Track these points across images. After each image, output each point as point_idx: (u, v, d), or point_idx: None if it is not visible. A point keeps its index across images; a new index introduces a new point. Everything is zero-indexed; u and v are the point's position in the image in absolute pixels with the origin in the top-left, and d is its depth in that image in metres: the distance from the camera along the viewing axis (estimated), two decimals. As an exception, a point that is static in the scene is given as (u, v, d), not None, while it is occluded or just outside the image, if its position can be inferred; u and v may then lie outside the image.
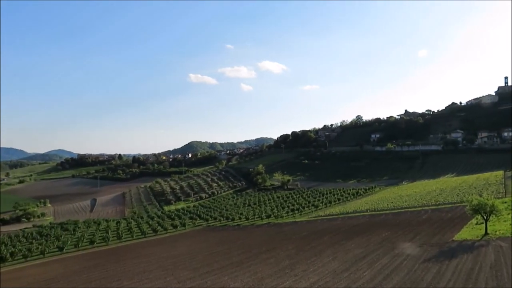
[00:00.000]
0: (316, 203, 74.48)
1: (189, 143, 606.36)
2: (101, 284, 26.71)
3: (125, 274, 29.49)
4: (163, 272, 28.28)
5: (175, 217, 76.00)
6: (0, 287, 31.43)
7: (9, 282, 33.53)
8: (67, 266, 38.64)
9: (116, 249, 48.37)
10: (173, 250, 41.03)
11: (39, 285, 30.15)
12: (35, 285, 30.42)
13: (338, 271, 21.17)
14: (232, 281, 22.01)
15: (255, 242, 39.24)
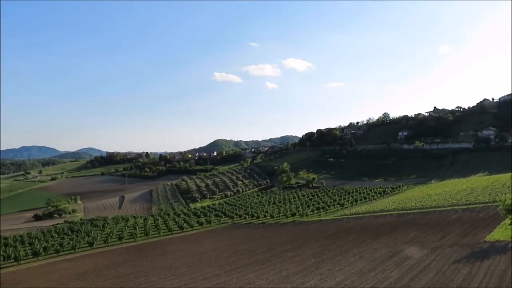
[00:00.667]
0: (341, 202, 73.70)
1: (214, 141, 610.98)
2: (129, 279, 27.29)
3: (152, 270, 30.03)
4: (189, 268, 28.63)
5: (200, 215, 76.79)
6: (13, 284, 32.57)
7: (42, 275, 34.72)
8: (97, 261, 39.65)
9: (143, 245, 49.30)
10: (199, 247, 41.47)
11: (70, 279, 31.09)
12: (66, 279, 31.39)
13: (365, 270, 20.89)
14: (257, 279, 22.06)
15: (280, 240, 39.19)
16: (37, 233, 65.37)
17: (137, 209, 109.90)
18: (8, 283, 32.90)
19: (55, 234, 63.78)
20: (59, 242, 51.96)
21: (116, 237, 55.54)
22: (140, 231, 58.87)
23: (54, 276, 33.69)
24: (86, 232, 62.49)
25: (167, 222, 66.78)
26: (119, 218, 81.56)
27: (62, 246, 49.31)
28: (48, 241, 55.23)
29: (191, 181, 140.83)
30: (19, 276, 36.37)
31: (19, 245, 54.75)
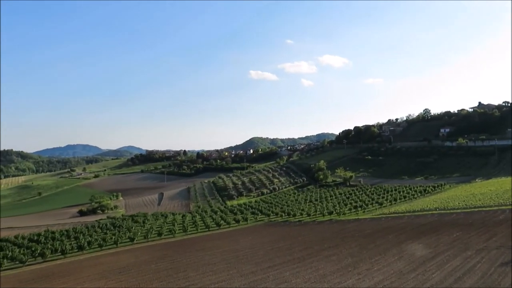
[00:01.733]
0: (380, 201, 72.07)
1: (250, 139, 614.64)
2: (168, 274, 27.96)
3: (190, 266, 30.61)
4: (226, 265, 28.96)
5: (237, 212, 77.42)
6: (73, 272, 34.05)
7: (87, 268, 36.22)
8: (137, 256, 40.86)
9: (182, 241, 50.32)
10: (236, 244, 41.84)
11: (113, 272, 32.26)
12: (109, 272, 32.59)
13: (405, 271, 20.34)
14: (293, 277, 22.00)
15: (317, 239, 38.86)
16: (81, 228, 68.12)
17: (175, 206, 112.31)
18: (55, 275, 34.60)
19: (98, 229, 66.22)
20: (102, 237, 53.97)
21: (156, 233, 57.00)
22: (178, 228, 60.11)
23: (98, 269, 35.06)
24: (127, 228, 64.49)
25: (204, 219, 67.83)
26: (159, 215, 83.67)
27: (105, 241, 51.18)
28: (92, 236, 57.48)
29: (228, 179, 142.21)
30: (65, 268, 38.13)
31: (66, 239, 57.38)
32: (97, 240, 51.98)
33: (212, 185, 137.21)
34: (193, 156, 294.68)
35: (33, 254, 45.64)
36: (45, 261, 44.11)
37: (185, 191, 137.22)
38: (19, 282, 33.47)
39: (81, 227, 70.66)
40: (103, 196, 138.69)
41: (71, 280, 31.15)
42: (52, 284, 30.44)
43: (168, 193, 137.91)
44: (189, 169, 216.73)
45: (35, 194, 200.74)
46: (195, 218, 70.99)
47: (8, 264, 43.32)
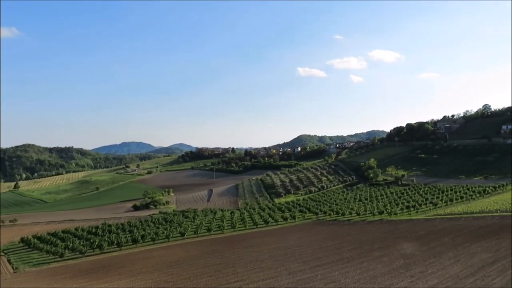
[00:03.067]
0: (434, 201, 68.93)
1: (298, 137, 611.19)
2: (217, 269, 28.52)
3: (239, 262, 31.02)
4: (274, 262, 29.05)
5: (285, 210, 77.34)
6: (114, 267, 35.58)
7: (140, 261, 37.78)
8: (188, 250, 42.00)
9: (230, 237, 51.09)
10: (284, 241, 41.82)
11: (165, 265, 33.42)
12: (161, 265, 33.79)
13: (462, 275, 19.34)
14: (342, 277, 21.64)
15: (367, 239, 37.93)
16: (135, 222, 71.03)
17: (224, 202, 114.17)
18: (112, 266, 36.42)
19: (151, 224, 68.71)
20: (155, 231, 56.01)
21: (205, 229, 58.25)
22: (227, 224, 61.04)
23: (151, 262, 36.47)
24: (178, 223, 66.39)
25: (252, 216, 68.39)
26: (208, 211, 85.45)
27: (157, 235, 53.09)
28: (145, 230, 59.77)
29: (276, 176, 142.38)
30: (121, 260, 40.01)
31: (121, 232, 60.11)
32: (150, 234, 53.99)
33: (260, 182, 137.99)
34: (241, 153, 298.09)
35: (91, 246, 48.34)
36: (102, 252, 46.54)
37: (234, 188, 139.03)
38: (79, 272, 35.58)
39: (135, 221, 73.65)
40: (155, 191, 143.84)
41: (126, 271, 32.65)
42: (109, 275, 32.06)
43: (217, 189, 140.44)
44: (237, 167, 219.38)
45: (93, 189, 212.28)
46: (243, 215, 71.74)
47: (69, 254, 46.16)
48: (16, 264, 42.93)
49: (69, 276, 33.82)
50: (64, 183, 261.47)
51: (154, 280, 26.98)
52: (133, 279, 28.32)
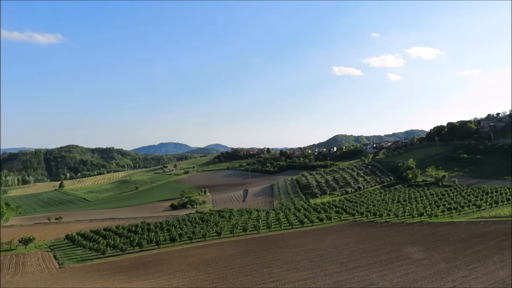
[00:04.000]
0: (478, 203, 66.04)
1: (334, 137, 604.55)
2: (253, 269, 28.66)
3: (274, 262, 31.03)
4: (310, 263, 28.86)
5: (321, 210, 76.61)
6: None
7: (178, 259, 38.57)
8: (224, 250, 42.46)
9: (266, 237, 51.18)
10: (320, 242, 41.44)
11: (202, 264, 33.95)
12: (198, 264, 34.35)
13: (509, 281, 18.46)
14: (380, 280, 21.20)
15: (406, 241, 36.91)
16: (173, 221, 72.55)
17: (259, 202, 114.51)
18: (151, 264, 37.41)
19: (188, 223, 69.97)
20: (192, 230, 57.01)
21: (241, 229, 58.66)
22: (262, 224, 61.20)
23: (188, 260, 37.16)
24: (215, 222, 67.26)
25: (288, 217, 68.21)
26: (243, 211, 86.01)
27: (194, 234, 54.02)
28: (183, 229, 60.96)
29: (311, 177, 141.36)
30: (160, 258, 41.01)
31: (159, 231, 61.62)
32: (187, 233, 55.04)
33: (295, 182, 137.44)
34: (276, 153, 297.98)
35: (131, 244, 49.88)
36: (142, 250, 47.89)
37: (269, 188, 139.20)
38: (120, 268, 36.79)
39: (173, 220, 75.25)
40: (192, 191, 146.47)
41: (164, 269, 33.45)
42: (148, 272, 32.97)
43: (252, 190, 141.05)
44: (272, 167, 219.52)
45: (133, 188, 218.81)
46: (279, 215, 71.67)
47: (111, 251, 47.84)
48: (61, 260, 44.98)
49: (111, 272, 35.03)
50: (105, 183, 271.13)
51: (191, 279, 27.47)
52: (171, 277, 28.97)
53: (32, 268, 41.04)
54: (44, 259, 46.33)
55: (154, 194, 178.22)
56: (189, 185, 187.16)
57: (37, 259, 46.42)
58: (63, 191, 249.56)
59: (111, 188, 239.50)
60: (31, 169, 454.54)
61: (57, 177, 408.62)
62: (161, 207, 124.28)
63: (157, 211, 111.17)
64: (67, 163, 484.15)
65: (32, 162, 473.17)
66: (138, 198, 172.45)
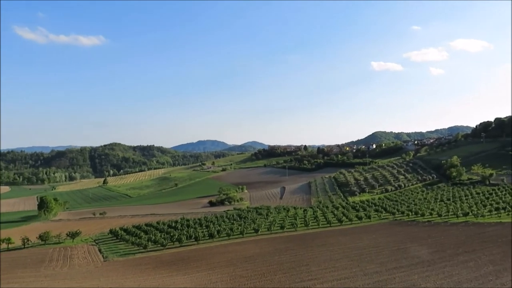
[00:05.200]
0: (529, 203, 62.54)
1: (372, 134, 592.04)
2: (291, 267, 28.62)
3: (312, 260, 30.84)
4: (349, 262, 28.46)
5: (359, 209, 75.30)
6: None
7: (217, 255, 39.15)
8: (261, 247, 42.64)
9: (303, 235, 50.92)
10: (359, 241, 40.74)
11: (239, 260, 34.29)
12: (236, 260, 34.72)
13: None
14: (423, 281, 20.56)
15: (450, 242, 35.55)
16: (212, 218, 73.73)
17: (296, 200, 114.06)
18: (190, 259, 38.19)
19: (226, 219, 70.82)
20: (230, 227, 57.66)
21: (278, 226, 58.70)
22: (300, 222, 60.94)
23: (226, 256, 37.63)
24: (252, 219, 67.69)
25: (325, 215, 67.55)
26: (281, 208, 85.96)
27: (232, 231, 54.64)
28: (221, 225, 61.77)
29: (349, 174, 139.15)
30: (199, 253, 41.81)
31: (198, 227, 62.82)
32: (225, 229, 55.73)
33: (333, 180, 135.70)
34: (313, 151, 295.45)
35: (171, 239, 51.18)
36: (182, 245, 49.00)
37: (306, 185, 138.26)
38: (161, 263, 37.84)
39: (211, 216, 76.48)
40: (230, 188, 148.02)
41: (203, 264, 34.07)
42: (188, 267, 33.69)
43: (290, 187, 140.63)
44: (309, 164, 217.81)
45: (173, 185, 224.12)
46: (316, 213, 71.11)
47: (152, 246, 49.30)
48: (106, 254, 46.86)
49: (152, 267, 36.10)
50: (146, 179, 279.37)
51: (230, 274, 27.81)
52: (210, 272, 29.46)
53: (78, 261, 43.01)
54: (90, 252, 48.43)
55: (193, 190, 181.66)
56: (226, 182, 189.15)
57: (83, 252, 48.60)
58: (107, 187, 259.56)
59: (151, 185, 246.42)
60: (77, 166, 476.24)
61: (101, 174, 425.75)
62: (199, 203, 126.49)
63: (196, 208, 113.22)
64: (110, 160, 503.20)
65: (78, 160, 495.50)
66: (178, 195, 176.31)
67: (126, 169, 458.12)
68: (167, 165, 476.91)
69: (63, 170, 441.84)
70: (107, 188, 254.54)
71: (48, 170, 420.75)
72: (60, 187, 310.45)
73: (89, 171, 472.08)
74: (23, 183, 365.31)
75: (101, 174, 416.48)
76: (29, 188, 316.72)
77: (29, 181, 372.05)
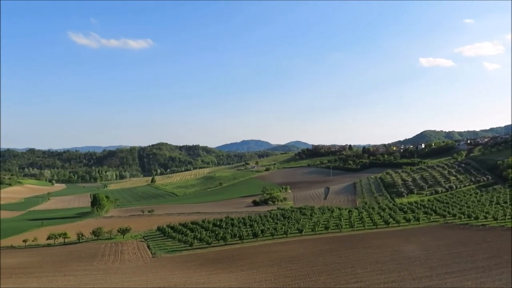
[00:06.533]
0: None
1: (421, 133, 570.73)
2: (335, 268, 28.20)
3: (358, 262, 30.22)
4: (396, 265, 27.62)
5: (407, 210, 72.84)
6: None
7: (261, 254, 39.34)
8: (305, 247, 42.35)
9: (348, 236, 50.03)
10: (407, 244, 39.42)
11: (283, 260, 34.23)
12: (280, 260, 34.69)
13: None
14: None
15: (508, 247, 33.52)
16: (255, 217, 74.14)
17: (341, 200, 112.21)
18: (235, 258, 38.64)
19: (270, 219, 70.97)
20: (274, 227, 57.73)
21: (323, 227, 58.04)
22: (345, 223, 59.93)
23: (270, 256, 37.70)
24: (296, 220, 67.37)
25: (371, 216, 65.98)
26: (325, 209, 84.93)
27: (276, 230, 54.69)
28: (265, 225, 62.00)
29: (396, 175, 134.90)
30: (243, 252, 42.22)
31: (242, 226, 63.39)
32: (269, 229, 55.88)
33: (379, 181, 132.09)
34: (358, 150, 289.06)
35: (216, 237, 52.06)
36: (226, 244, 49.70)
37: (351, 186, 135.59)
38: (206, 261, 38.58)
39: (255, 216, 76.90)
40: (273, 188, 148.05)
41: (247, 263, 34.34)
42: (232, 265, 34.11)
43: (334, 187, 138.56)
44: (354, 164, 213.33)
45: (217, 184, 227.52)
46: (362, 214, 69.60)
47: (197, 244, 50.39)
48: (154, 250, 48.48)
49: (198, 264, 36.89)
50: (192, 179, 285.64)
51: (274, 274, 27.84)
52: (255, 271, 29.64)
53: (129, 256, 44.80)
54: (139, 248, 50.30)
55: (237, 190, 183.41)
56: (270, 182, 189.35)
57: (133, 248, 50.57)
58: (155, 186, 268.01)
59: (197, 184, 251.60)
60: (126, 165, 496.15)
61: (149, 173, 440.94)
62: (243, 203, 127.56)
63: (240, 207, 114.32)
64: (157, 159, 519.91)
65: (128, 159, 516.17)
66: (222, 194, 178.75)
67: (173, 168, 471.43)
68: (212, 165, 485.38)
69: (114, 169, 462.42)
70: (155, 187, 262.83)
71: (100, 169, 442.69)
72: (111, 185, 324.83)
73: (138, 170, 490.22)
74: (77, 181, 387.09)
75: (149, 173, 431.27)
76: (83, 186, 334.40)
77: (83, 179, 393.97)
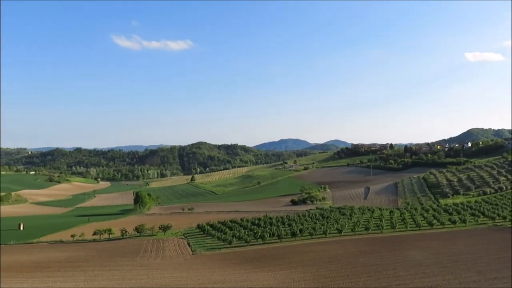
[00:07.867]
0: None
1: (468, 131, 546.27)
2: (377, 270, 27.58)
3: (400, 264, 29.41)
4: (441, 269, 26.62)
5: (452, 212, 69.98)
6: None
7: (299, 254, 39.14)
8: (345, 248, 41.71)
9: (390, 237, 48.76)
10: (452, 247, 37.88)
11: (322, 261, 33.89)
12: (319, 260, 34.36)
13: None
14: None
15: None
16: (294, 216, 73.79)
17: (382, 201, 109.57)
18: (273, 256, 38.66)
19: (308, 219, 70.40)
20: (312, 226, 57.23)
21: (363, 227, 56.93)
22: (386, 223, 58.44)
23: (309, 256, 37.43)
24: (335, 219, 66.46)
25: (414, 217, 63.95)
26: (365, 209, 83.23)
27: (314, 230, 54.20)
28: (303, 224, 61.57)
29: (441, 175, 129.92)
30: (281, 251, 42.18)
31: (281, 225, 63.28)
32: (308, 228, 55.46)
33: (423, 181, 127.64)
34: (400, 149, 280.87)
35: (255, 236, 52.30)
36: (265, 243, 49.82)
37: (392, 186, 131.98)
38: (245, 259, 38.85)
39: (293, 215, 76.54)
40: (312, 187, 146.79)
41: (286, 262, 34.27)
42: (271, 264, 34.14)
43: (375, 187, 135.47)
44: (396, 164, 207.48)
45: (255, 183, 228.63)
46: (404, 215, 67.60)
47: (236, 242, 50.83)
48: (194, 247, 49.41)
49: (237, 262, 37.22)
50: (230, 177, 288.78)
51: (313, 274, 27.63)
52: (293, 271, 29.54)
53: (170, 253, 45.92)
54: (180, 245, 51.44)
55: (275, 189, 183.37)
56: (308, 181, 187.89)
57: (174, 245, 51.77)
58: (194, 184, 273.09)
59: (235, 183, 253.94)
60: (167, 164, 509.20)
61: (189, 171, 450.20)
62: (281, 202, 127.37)
63: (278, 206, 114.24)
64: (197, 158, 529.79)
65: (168, 158, 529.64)
66: (260, 193, 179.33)
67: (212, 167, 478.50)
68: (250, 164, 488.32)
69: (155, 167, 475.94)
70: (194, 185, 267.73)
71: (142, 167, 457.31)
72: (152, 183, 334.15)
73: (178, 169, 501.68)
74: (121, 179, 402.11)
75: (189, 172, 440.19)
76: (126, 184, 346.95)
77: (126, 178, 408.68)
